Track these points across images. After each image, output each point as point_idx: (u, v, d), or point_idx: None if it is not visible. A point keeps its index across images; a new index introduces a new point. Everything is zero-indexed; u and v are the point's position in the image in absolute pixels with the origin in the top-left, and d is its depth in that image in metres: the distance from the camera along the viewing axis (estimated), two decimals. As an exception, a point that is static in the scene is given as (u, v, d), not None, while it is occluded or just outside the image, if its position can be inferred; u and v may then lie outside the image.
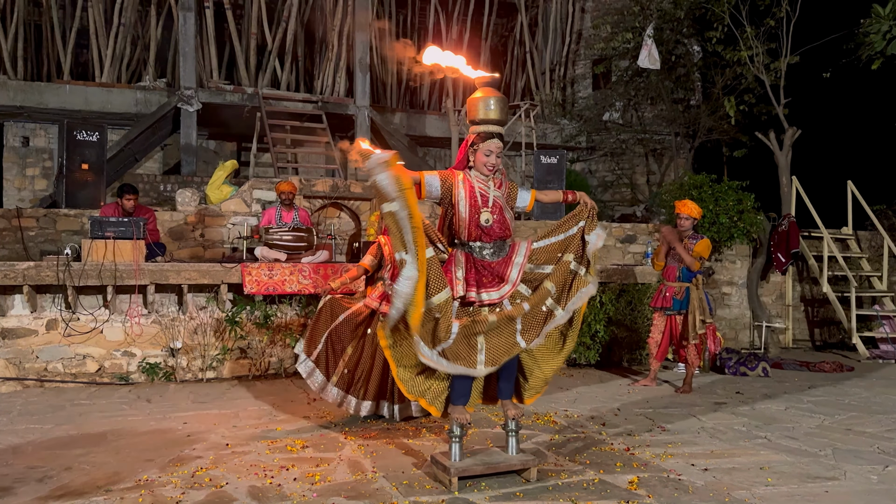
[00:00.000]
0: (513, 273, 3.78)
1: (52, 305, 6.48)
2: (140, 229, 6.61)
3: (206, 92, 11.71)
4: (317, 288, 6.81)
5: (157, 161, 13.06)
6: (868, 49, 9.04)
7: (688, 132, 12.69)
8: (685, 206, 6.50)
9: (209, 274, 6.72)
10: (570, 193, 4.05)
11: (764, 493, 3.63)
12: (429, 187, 3.79)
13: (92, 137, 8.18)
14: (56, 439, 4.60)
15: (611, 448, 4.46)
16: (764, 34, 10.12)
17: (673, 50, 12.16)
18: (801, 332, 10.08)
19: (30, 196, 12.02)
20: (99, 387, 6.37)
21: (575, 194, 4.04)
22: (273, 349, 6.96)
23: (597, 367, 7.64)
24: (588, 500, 3.51)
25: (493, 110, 3.77)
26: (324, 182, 8.66)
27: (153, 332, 6.68)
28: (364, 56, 12.60)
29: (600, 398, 6.09)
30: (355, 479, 3.81)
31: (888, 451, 4.47)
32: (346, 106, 12.58)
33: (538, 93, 15.45)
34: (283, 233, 7.23)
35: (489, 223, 3.77)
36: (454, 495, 3.56)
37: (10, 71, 12.00)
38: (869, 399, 6.20)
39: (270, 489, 3.63)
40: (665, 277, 6.59)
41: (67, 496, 3.51)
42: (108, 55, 12.32)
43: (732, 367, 7.44)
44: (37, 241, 7.55)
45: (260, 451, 4.34)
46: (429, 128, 13.88)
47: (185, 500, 3.46)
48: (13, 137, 12.09)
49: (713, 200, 8.87)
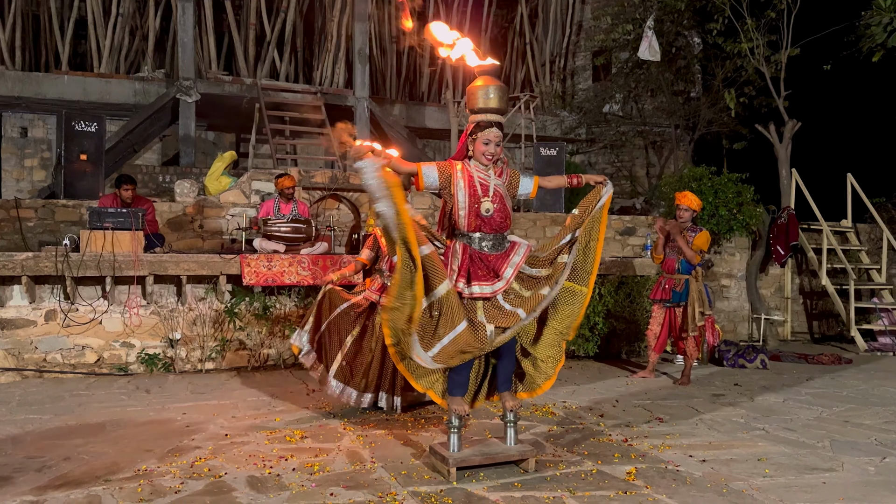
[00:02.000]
0: (507, 271, 3.73)
1: (51, 296, 6.48)
2: (139, 220, 6.60)
3: (204, 83, 11.67)
4: (315, 279, 6.81)
5: (155, 152, 13.03)
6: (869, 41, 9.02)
7: (688, 124, 12.67)
8: (685, 197, 6.49)
9: (208, 265, 6.72)
10: (574, 177, 4.02)
11: (761, 485, 3.64)
12: (426, 178, 3.77)
13: (90, 128, 8.16)
14: (55, 429, 4.60)
15: (609, 439, 4.47)
16: (764, 26, 10.08)
17: (673, 42, 12.12)
18: (799, 325, 10.09)
19: (28, 187, 12.00)
20: (98, 377, 6.37)
21: (580, 178, 4.00)
22: (272, 340, 6.96)
23: (595, 359, 7.65)
24: (586, 490, 3.51)
25: (492, 99, 3.75)
26: (323, 174, 8.65)
27: (152, 323, 6.68)
28: (363, 47, 12.55)
29: (599, 390, 6.10)
30: (354, 470, 3.81)
31: (886, 443, 4.48)
32: (345, 97, 12.54)
33: (538, 84, 15.41)
34: (281, 224, 7.22)
35: (489, 213, 3.74)
36: (453, 485, 3.57)
37: (8, 61, 11.95)
38: (867, 391, 6.22)
39: (269, 479, 3.64)
40: (664, 270, 6.59)
41: (66, 486, 3.52)
42: (106, 45, 12.28)
43: (731, 359, 7.45)
44: (35, 231, 7.54)
45: (259, 441, 4.34)
46: (428, 119, 13.85)
47: (184, 490, 3.46)
48: (11, 128, 12.07)
49: (713, 193, 8.86)
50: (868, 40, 9.00)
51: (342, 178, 8.61)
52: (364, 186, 3.51)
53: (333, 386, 4.96)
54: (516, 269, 3.75)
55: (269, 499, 3.36)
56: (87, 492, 3.44)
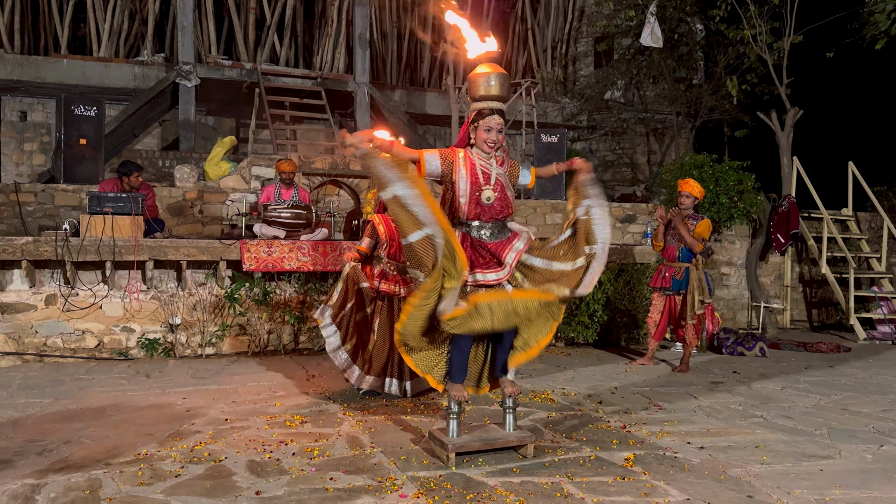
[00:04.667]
0: (509, 256, 3.72)
1: (51, 280, 6.48)
2: (139, 205, 6.59)
3: (204, 67, 11.62)
4: (315, 265, 6.81)
5: (155, 137, 12.99)
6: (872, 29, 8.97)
7: (689, 112, 12.62)
8: (687, 184, 6.47)
9: (208, 250, 6.72)
10: (560, 165, 4.02)
11: (759, 471, 3.65)
12: (428, 165, 3.75)
13: (90, 112, 8.13)
14: (55, 413, 4.62)
15: (607, 426, 4.49)
16: (767, 13, 10.02)
17: (675, 28, 12.05)
18: (799, 313, 10.10)
19: (28, 171, 11.97)
20: (98, 362, 6.38)
21: (571, 163, 3.93)
22: (272, 326, 6.97)
23: (595, 347, 7.66)
24: (584, 476, 3.53)
25: (493, 86, 3.73)
26: (323, 159, 8.63)
27: (152, 307, 6.69)
28: (364, 31, 12.48)
29: (598, 377, 6.11)
30: (354, 455, 3.83)
31: (883, 431, 4.49)
32: (345, 82, 12.49)
33: (539, 71, 15.33)
34: (281, 210, 7.21)
35: (490, 201, 3.74)
36: (452, 470, 3.59)
37: (7, 45, 11.90)
38: (865, 380, 6.23)
39: (269, 463, 3.66)
40: (664, 257, 6.59)
41: (67, 469, 3.53)
42: (105, 29, 12.21)
43: (730, 346, 7.46)
44: (35, 216, 7.53)
45: (259, 426, 4.36)
46: (429, 105, 13.79)
47: (185, 474, 3.48)
48: (10, 112, 12.02)
49: (714, 180, 8.84)
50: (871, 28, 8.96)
51: (342, 164, 8.59)
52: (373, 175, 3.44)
53: (342, 359, 5.05)
54: (518, 256, 3.74)
55: (268, 483, 3.38)
56: (87, 475, 3.46)
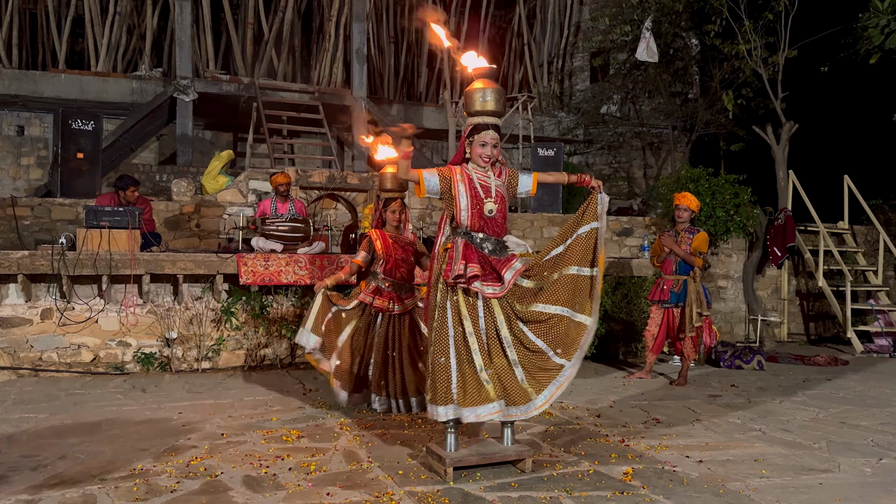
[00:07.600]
0: (507, 274, 3.75)
1: (47, 295, 6.46)
2: (135, 219, 6.58)
3: (202, 82, 11.65)
4: (313, 279, 6.80)
5: (152, 151, 12.99)
6: (866, 43, 9.02)
7: (685, 126, 12.68)
8: (685, 197, 6.49)
9: (205, 264, 6.71)
10: (573, 176, 4.00)
11: (758, 485, 3.64)
12: (427, 184, 3.78)
13: (87, 127, 8.15)
14: (51, 428, 4.59)
15: (606, 439, 4.47)
16: (762, 28, 10.09)
17: (671, 43, 12.13)
18: (796, 326, 10.10)
19: (25, 185, 11.96)
20: (94, 376, 6.35)
21: (580, 177, 3.96)
22: (269, 340, 6.95)
23: (592, 360, 7.64)
24: (583, 490, 3.51)
25: (489, 102, 3.76)
26: (320, 173, 8.64)
27: (148, 322, 6.67)
28: (361, 46, 12.53)
29: (596, 390, 6.09)
30: (351, 469, 3.80)
31: (882, 444, 4.48)
32: (342, 97, 12.52)
33: (536, 85, 15.40)
34: (278, 223, 7.21)
35: (493, 213, 3.77)
36: (449, 485, 3.56)
37: (5, 59, 11.92)
38: (863, 393, 6.23)
39: (265, 479, 3.63)
40: (662, 271, 6.60)
41: (62, 485, 3.50)
42: (103, 44, 12.24)
43: (728, 360, 7.45)
44: (31, 230, 7.51)
45: (255, 440, 4.33)
46: (426, 119, 13.83)
47: (180, 490, 3.45)
48: (8, 126, 12.02)
49: (710, 194, 8.87)
50: (865, 42, 9.00)
51: (339, 178, 8.61)
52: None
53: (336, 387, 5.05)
54: (515, 276, 3.76)
55: (265, 498, 3.35)
56: (82, 491, 3.43)
